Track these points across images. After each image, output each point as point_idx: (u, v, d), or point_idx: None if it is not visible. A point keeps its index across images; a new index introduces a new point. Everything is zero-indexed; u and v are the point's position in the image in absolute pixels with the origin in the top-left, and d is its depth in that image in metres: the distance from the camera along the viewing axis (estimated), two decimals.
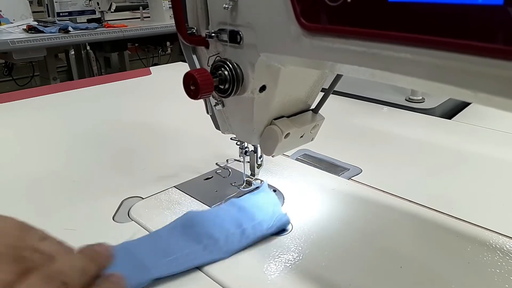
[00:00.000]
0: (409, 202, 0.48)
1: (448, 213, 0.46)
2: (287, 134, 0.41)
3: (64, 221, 0.45)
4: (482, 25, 0.20)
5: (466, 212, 0.46)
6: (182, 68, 1.25)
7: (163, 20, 2.39)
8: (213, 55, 0.36)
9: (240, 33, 0.34)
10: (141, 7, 2.65)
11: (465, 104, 0.90)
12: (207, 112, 0.41)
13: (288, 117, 0.42)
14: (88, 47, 2.80)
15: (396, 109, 0.85)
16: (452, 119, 0.82)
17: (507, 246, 0.40)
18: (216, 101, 0.41)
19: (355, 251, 0.40)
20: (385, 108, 0.85)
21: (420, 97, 0.90)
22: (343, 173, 0.56)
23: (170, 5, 2.22)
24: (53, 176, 0.56)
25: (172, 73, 1.19)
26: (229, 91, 0.36)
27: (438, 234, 0.43)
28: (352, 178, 0.55)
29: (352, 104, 0.89)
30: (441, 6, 0.21)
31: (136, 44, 2.69)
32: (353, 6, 0.25)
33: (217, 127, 0.46)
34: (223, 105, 0.42)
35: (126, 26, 2.19)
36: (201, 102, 0.60)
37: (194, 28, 0.38)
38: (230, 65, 0.35)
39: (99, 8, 2.19)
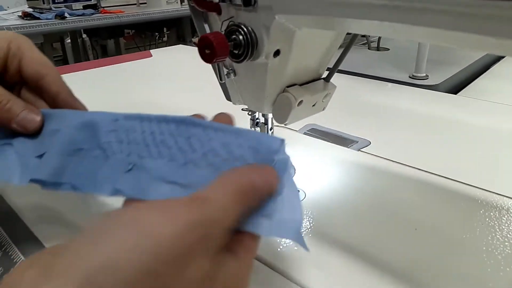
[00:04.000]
0: (419, 170, 0.49)
1: (456, 179, 0.46)
2: (300, 102, 0.40)
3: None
4: None
5: (474, 177, 0.47)
6: (183, 50, 1.24)
7: (159, 5, 2.36)
8: (227, 20, 0.36)
9: None
10: None
11: (468, 81, 0.90)
12: (220, 79, 0.41)
13: (300, 85, 0.42)
14: (83, 35, 2.77)
15: (401, 85, 0.85)
16: (456, 94, 0.82)
17: None
18: (227, 70, 0.41)
19: (369, 215, 0.41)
20: (390, 85, 0.85)
21: (424, 74, 0.90)
22: (352, 145, 0.56)
23: None
24: None
25: (174, 55, 1.18)
26: (243, 56, 0.36)
27: (448, 198, 0.43)
28: (361, 149, 0.55)
29: (356, 81, 0.88)
30: None
31: (133, 31, 2.67)
32: None
33: (228, 98, 0.46)
34: (235, 74, 0.41)
35: (123, 12, 2.17)
36: (206, 81, 0.59)
37: None
38: (245, 29, 0.35)
39: None
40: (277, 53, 0.36)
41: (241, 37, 0.35)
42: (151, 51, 1.18)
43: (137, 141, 0.27)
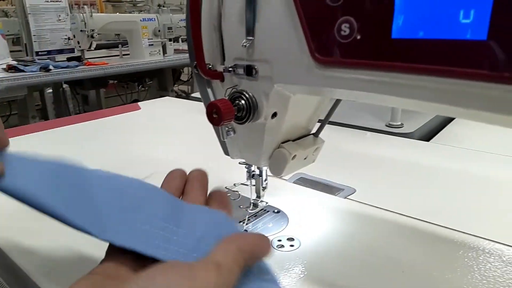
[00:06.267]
0: (403, 216, 0.53)
1: (434, 222, 0.51)
2: (294, 156, 0.45)
3: None
4: (471, 55, 0.26)
5: (449, 220, 0.51)
6: (170, 102, 1.29)
7: (142, 57, 2.44)
8: (230, 87, 0.41)
9: (256, 67, 0.38)
10: (120, 45, 2.71)
11: (438, 129, 0.98)
12: (222, 138, 0.45)
13: (293, 141, 0.47)
14: (64, 85, 2.80)
15: (379, 134, 0.91)
16: (429, 141, 0.89)
17: (488, 247, 0.45)
18: (227, 128, 0.45)
19: (359, 259, 0.44)
20: (369, 133, 0.91)
21: (399, 123, 0.97)
22: (339, 193, 0.60)
23: (150, 43, 2.26)
24: None
25: (161, 107, 1.22)
26: (245, 118, 0.40)
27: (432, 242, 0.48)
28: (347, 197, 0.59)
29: (337, 131, 0.94)
30: (438, 41, 0.26)
31: (115, 81, 2.73)
32: (361, 42, 0.30)
33: (226, 153, 0.50)
34: (234, 132, 0.46)
35: (107, 63, 2.23)
36: (198, 135, 0.63)
37: (210, 64, 0.42)
38: (247, 95, 0.39)
39: (80, 46, 2.22)
40: (274, 115, 0.41)
41: (243, 102, 0.40)
42: (139, 103, 1.22)
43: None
